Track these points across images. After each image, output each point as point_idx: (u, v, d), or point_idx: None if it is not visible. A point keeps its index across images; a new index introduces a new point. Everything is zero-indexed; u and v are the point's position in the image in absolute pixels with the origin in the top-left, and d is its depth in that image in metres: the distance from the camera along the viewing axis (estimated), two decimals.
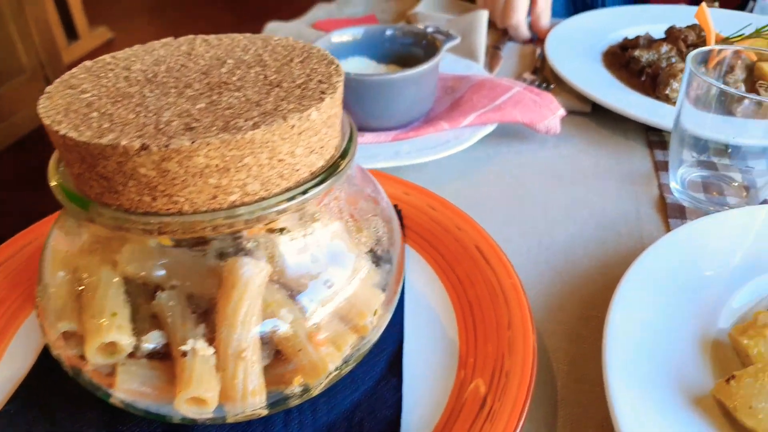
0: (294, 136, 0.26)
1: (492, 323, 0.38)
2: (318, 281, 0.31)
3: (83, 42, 3.56)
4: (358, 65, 0.66)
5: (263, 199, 0.26)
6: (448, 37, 0.63)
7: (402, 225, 0.47)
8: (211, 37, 0.34)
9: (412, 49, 0.65)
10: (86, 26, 3.60)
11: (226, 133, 0.24)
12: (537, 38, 0.85)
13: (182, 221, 0.25)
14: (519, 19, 0.83)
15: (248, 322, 0.29)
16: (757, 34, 0.68)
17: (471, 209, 0.53)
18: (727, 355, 0.37)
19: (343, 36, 0.64)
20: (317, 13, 0.93)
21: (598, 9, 0.92)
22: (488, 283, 0.41)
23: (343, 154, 0.30)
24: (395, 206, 0.48)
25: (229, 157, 0.24)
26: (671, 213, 0.52)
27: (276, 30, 0.83)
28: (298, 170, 0.27)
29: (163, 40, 0.34)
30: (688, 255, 0.44)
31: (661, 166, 0.59)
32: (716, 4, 0.94)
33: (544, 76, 0.74)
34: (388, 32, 0.65)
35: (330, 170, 0.29)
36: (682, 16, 0.83)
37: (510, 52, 0.84)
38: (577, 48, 0.77)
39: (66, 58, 3.35)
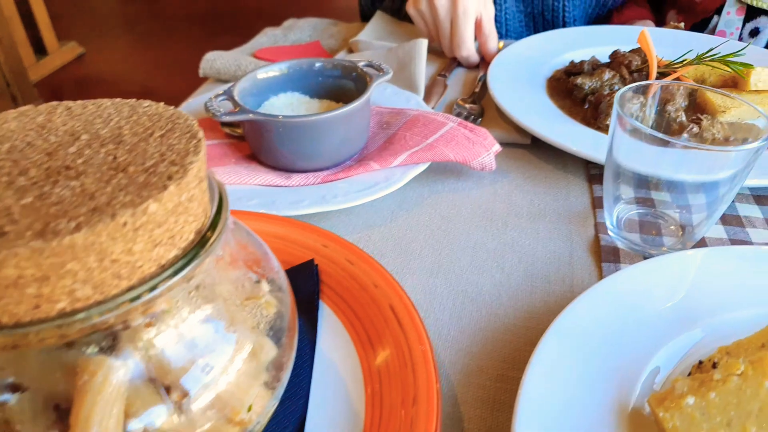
0: (128, 233, 0.23)
1: (398, 397, 0.36)
2: (189, 374, 0.28)
3: (53, 57, 3.50)
4: (290, 101, 0.63)
5: (99, 303, 0.24)
6: (380, 72, 0.61)
7: (317, 281, 0.45)
8: (76, 104, 0.32)
9: (343, 82, 0.63)
10: (55, 42, 3.55)
11: (41, 240, 0.21)
12: (484, 61, 0.84)
13: (2, 335, 0.23)
14: (468, 50, 0.81)
15: (105, 428, 0.26)
16: (699, 60, 0.66)
17: (399, 256, 0.51)
18: (648, 424, 0.35)
19: (269, 72, 0.62)
20: (261, 39, 0.90)
21: (557, 29, 0.91)
22: (399, 349, 0.38)
23: (202, 242, 0.27)
24: (312, 260, 0.46)
25: (47, 265, 0.22)
26: (605, 256, 0.50)
27: (214, 59, 0.80)
28: (140, 267, 0.25)
29: (21, 109, 0.31)
30: (614, 308, 0.42)
31: (599, 203, 0.57)
32: (682, 25, 0.93)
33: (480, 105, 0.72)
34: (317, 65, 0.63)
35: (189, 257, 0.26)
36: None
37: (457, 77, 0.82)
38: (522, 73, 0.76)
39: (34, 74, 3.30)
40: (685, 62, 0.67)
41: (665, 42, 0.83)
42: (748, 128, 0.66)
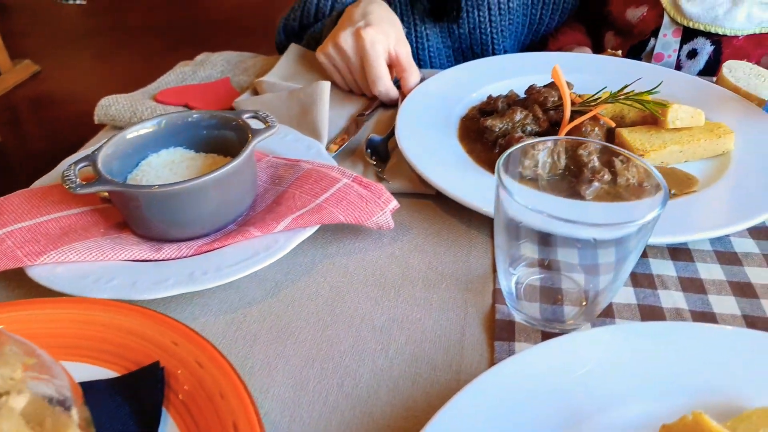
0: None
1: None
2: None
3: (6, 77, 3.40)
4: (172, 158, 0.58)
5: None
6: (267, 125, 0.56)
7: (162, 387, 0.39)
8: None
9: (225, 133, 0.58)
10: (8, 60, 3.45)
11: None
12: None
13: None
14: (385, 85, 0.76)
15: None
16: (613, 98, 0.62)
17: (275, 340, 0.47)
18: None
19: (141, 130, 0.56)
20: (169, 78, 0.84)
21: (483, 58, 0.86)
22: None
23: None
24: (157, 363, 0.40)
25: None
26: (499, 333, 0.46)
27: (109, 105, 0.74)
28: None
29: None
30: (498, 404, 0.37)
31: None
32: (619, 52, 0.89)
33: (388, 149, 0.67)
34: (194, 118, 0.58)
35: None
36: (572, 65, 0.77)
37: (377, 116, 0.77)
38: (435, 112, 0.71)
39: None
40: (599, 100, 0.63)
41: (602, 70, 0.79)
42: (671, 174, 0.63)
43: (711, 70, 0.88)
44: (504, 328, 0.46)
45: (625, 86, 0.62)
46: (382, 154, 0.66)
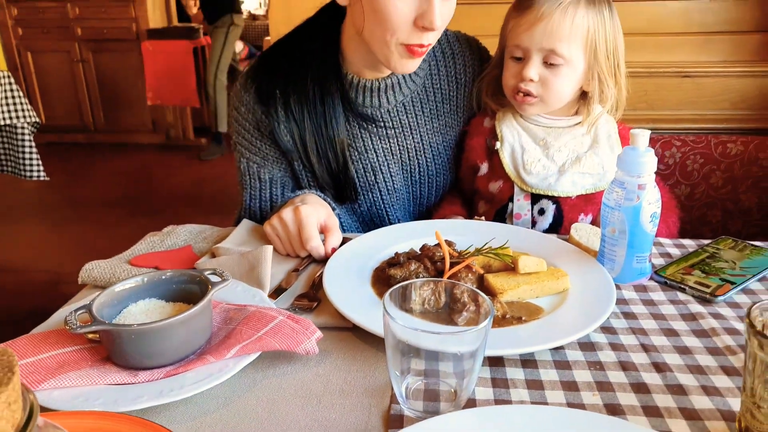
0: None
1: None
2: None
3: None
4: (147, 307, 0.75)
5: None
6: (222, 279, 0.75)
7: None
8: None
9: (191, 287, 0.76)
10: None
11: None
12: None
13: None
14: (315, 241, 0.98)
15: None
16: (478, 252, 0.86)
17: None
18: None
19: (126, 285, 0.74)
20: (140, 246, 1.04)
21: (388, 227, 1.11)
22: None
23: None
24: None
25: None
26: (392, 423, 0.63)
27: (92, 269, 0.92)
28: None
29: None
30: None
31: None
32: (483, 218, 1.15)
33: (318, 295, 0.87)
34: (168, 275, 0.76)
35: None
36: (452, 229, 1.01)
37: (307, 271, 0.97)
38: (354, 265, 0.92)
39: None
40: (469, 254, 0.86)
41: (474, 231, 1.03)
42: (524, 306, 0.84)
43: (558, 222, 1.15)
44: (396, 420, 0.63)
45: (485, 244, 0.86)
46: (312, 299, 0.86)
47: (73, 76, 5.49)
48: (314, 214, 0.98)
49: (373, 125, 1.19)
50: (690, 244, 1.08)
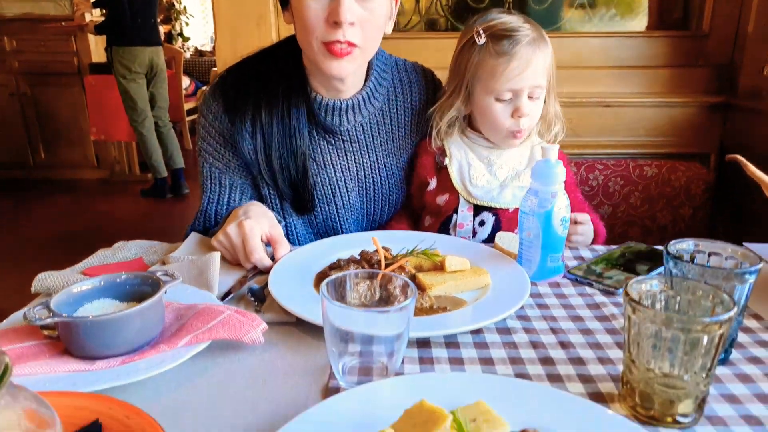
0: None
1: None
2: None
3: None
4: (102, 306, 0.81)
5: None
6: (172, 278, 0.82)
7: None
8: None
9: (144, 288, 0.82)
10: None
11: None
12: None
13: None
14: (259, 253, 1.05)
15: None
16: (410, 253, 0.96)
17: (179, 412, 0.67)
18: None
19: (83, 286, 0.80)
20: (92, 260, 1.09)
21: (335, 236, 1.20)
22: None
23: None
24: (97, 420, 0.61)
25: None
26: (329, 394, 0.70)
27: (45, 278, 0.97)
28: None
29: None
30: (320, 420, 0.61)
31: None
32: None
33: (264, 294, 0.94)
34: (123, 277, 0.83)
35: None
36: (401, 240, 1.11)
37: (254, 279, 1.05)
38: (298, 270, 1.00)
39: None
40: (402, 256, 0.96)
41: (407, 239, 1.13)
42: (450, 299, 0.94)
43: (495, 233, 1.27)
44: (333, 391, 0.71)
45: (415, 246, 0.96)
46: (260, 297, 0.93)
47: (10, 110, 5.36)
48: (257, 226, 1.06)
49: (333, 138, 1.29)
50: (601, 248, 1.22)
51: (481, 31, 1.22)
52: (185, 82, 6.18)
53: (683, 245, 0.81)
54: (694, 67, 2.15)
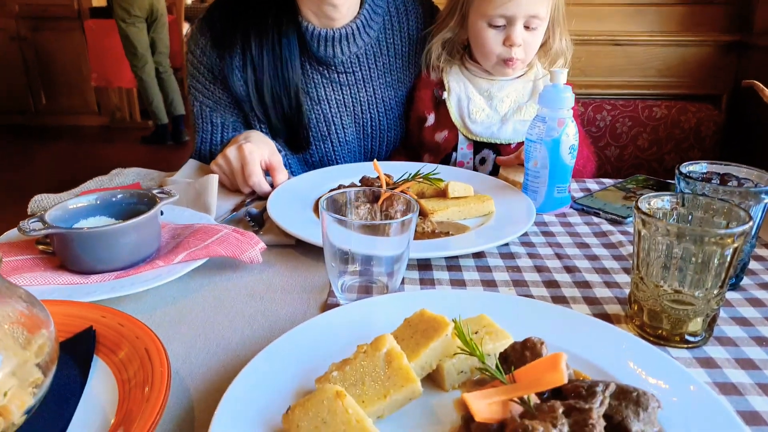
0: None
1: (139, 390, 0.50)
2: None
3: None
4: (97, 222, 0.79)
5: None
6: (168, 195, 0.80)
7: (94, 341, 0.58)
8: None
9: (140, 207, 0.80)
10: None
11: None
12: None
13: None
14: (258, 178, 1.03)
15: None
16: (411, 178, 0.93)
17: (176, 323, 0.66)
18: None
19: (78, 203, 0.78)
20: (89, 185, 1.07)
21: (332, 166, 1.17)
22: (146, 371, 0.53)
23: None
24: (91, 327, 0.60)
25: None
26: (328, 309, 0.69)
27: (41, 200, 0.95)
28: None
29: None
30: (309, 337, 0.60)
31: None
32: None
33: (263, 217, 0.92)
34: (119, 196, 0.81)
35: None
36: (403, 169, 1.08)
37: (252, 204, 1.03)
38: (297, 196, 0.98)
39: None
40: (404, 181, 0.94)
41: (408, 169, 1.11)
42: (453, 224, 0.92)
43: (496, 170, 1.24)
44: (332, 307, 0.70)
45: (418, 171, 0.93)
46: (258, 221, 0.91)
47: (11, 55, 5.28)
48: (257, 151, 1.03)
49: (327, 71, 1.24)
50: (608, 181, 1.19)
51: None
52: (186, 27, 6.04)
53: (695, 167, 0.79)
54: (710, 4, 2.07)
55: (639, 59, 2.05)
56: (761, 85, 0.98)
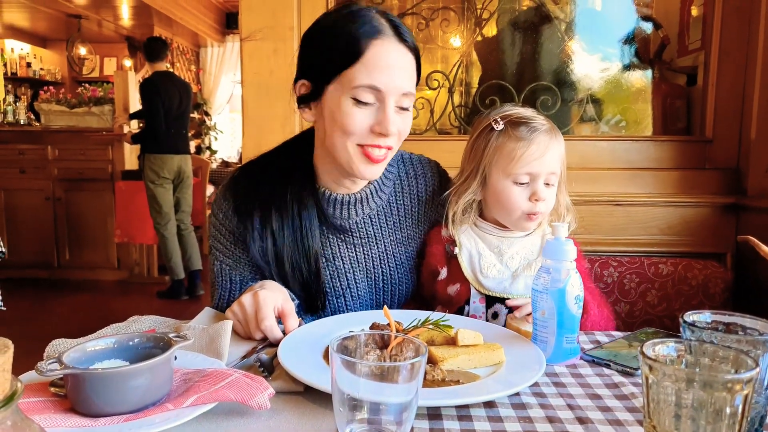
0: None
1: None
2: None
3: None
4: (112, 365, 0.81)
5: None
6: (184, 339, 0.82)
7: None
8: None
9: (154, 351, 0.82)
10: None
11: None
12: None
13: None
14: (269, 324, 1.05)
15: None
16: (421, 324, 0.95)
17: None
18: None
19: (97, 345, 0.81)
20: (106, 331, 1.09)
21: (348, 313, 1.20)
22: None
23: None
24: None
25: None
26: None
27: (58, 344, 0.97)
28: None
29: None
30: None
31: None
32: (446, 311, 1.25)
33: (273, 364, 0.93)
34: (135, 340, 0.83)
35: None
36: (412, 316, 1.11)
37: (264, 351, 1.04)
38: (309, 341, 1.00)
39: None
40: (414, 327, 0.95)
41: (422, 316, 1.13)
42: (463, 373, 0.92)
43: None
44: None
45: (427, 318, 0.96)
46: (268, 367, 0.92)
47: (43, 214, 5.57)
48: (271, 297, 1.07)
49: (343, 235, 1.32)
50: (618, 334, 1.19)
51: (499, 119, 1.28)
52: (209, 190, 6.42)
53: (699, 316, 0.80)
54: (702, 170, 2.20)
55: (640, 218, 2.13)
56: (756, 240, 1.02)
